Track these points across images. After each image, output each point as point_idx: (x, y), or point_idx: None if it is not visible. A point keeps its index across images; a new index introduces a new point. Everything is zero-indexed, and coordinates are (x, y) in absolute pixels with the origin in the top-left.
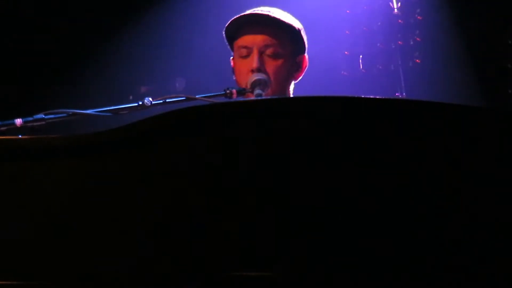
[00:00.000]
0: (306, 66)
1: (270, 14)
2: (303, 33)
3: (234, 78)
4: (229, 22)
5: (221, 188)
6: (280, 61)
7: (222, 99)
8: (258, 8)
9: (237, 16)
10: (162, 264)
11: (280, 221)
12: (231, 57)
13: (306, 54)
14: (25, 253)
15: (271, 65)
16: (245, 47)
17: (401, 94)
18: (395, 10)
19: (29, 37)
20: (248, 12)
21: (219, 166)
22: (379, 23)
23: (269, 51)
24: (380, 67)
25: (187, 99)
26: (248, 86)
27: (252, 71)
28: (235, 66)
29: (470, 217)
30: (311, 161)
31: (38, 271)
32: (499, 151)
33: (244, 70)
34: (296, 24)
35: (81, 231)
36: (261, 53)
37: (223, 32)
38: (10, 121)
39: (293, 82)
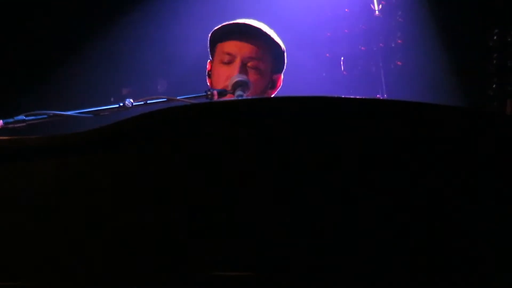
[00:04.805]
0: (280, 85)
1: (262, 28)
2: (285, 55)
3: (208, 81)
4: (219, 26)
5: (206, 188)
6: (259, 76)
7: (203, 100)
8: (247, 20)
9: (229, 22)
10: (147, 264)
11: (263, 221)
12: (209, 60)
13: (282, 74)
14: (7, 254)
15: (250, 77)
16: (229, 53)
17: (382, 96)
18: (377, 12)
19: (9, 38)
20: (240, 21)
21: (202, 168)
22: (360, 25)
23: (251, 63)
24: (362, 69)
25: (168, 100)
26: (229, 88)
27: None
28: (214, 70)
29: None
30: (296, 162)
31: (19, 272)
32: (480, 150)
33: (224, 76)
34: (281, 44)
35: (66, 232)
36: (243, 64)
37: (209, 35)
38: None
39: None
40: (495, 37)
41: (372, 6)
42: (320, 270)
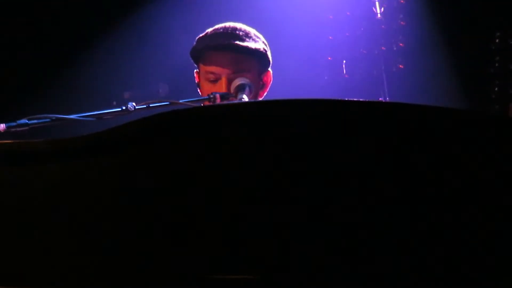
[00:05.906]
0: (270, 81)
1: (239, 43)
2: (268, 52)
3: (199, 91)
4: (197, 46)
5: (203, 190)
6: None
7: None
8: (225, 25)
9: (206, 44)
10: (147, 265)
11: (263, 224)
12: (195, 70)
13: (270, 69)
14: (9, 258)
15: None
16: (213, 73)
17: (385, 99)
18: (378, 15)
19: (12, 42)
20: (215, 31)
21: (202, 169)
22: (362, 29)
23: (238, 77)
24: (364, 72)
25: (171, 104)
26: (232, 91)
27: None
28: (202, 86)
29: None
30: (296, 163)
31: (19, 275)
32: (481, 152)
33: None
34: (262, 44)
35: (67, 235)
36: (230, 79)
37: (190, 51)
38: None
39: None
40: (497, 40)
41: (373, 9)
42: (321, 271)
